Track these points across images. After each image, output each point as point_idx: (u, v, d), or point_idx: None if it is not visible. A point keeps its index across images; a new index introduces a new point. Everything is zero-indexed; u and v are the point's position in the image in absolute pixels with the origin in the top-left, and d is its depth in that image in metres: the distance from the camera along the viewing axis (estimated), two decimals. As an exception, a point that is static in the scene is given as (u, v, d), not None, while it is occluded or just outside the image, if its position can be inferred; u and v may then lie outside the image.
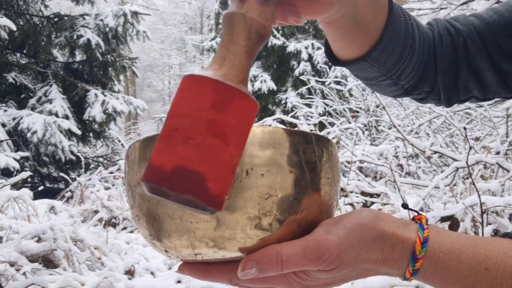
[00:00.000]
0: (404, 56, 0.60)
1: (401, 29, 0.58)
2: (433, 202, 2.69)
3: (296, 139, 0.44)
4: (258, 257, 0.43)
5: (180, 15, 23.97)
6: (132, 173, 0.47)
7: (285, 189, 0.43)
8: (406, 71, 0.62)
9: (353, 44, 0.58)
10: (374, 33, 0.57)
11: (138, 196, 0.46)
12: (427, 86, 0.67)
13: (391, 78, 0.62)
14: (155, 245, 0.48)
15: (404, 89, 0.66)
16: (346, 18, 0.53)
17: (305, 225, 0.45)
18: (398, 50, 0.59)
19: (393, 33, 0.58)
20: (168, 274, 2.55)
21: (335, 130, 4.38)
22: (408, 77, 0.64)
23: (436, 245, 0.44)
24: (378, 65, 0.60)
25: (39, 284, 1.77)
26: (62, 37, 7.24)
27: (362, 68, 0.61)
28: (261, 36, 0.39)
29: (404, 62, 0.61)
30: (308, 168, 0.44)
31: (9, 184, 2.44)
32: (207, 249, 0.44)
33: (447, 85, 0.66)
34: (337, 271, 0.44)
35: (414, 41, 0.61)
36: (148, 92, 24.04)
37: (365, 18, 0.54)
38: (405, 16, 0.60)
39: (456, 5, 2.67)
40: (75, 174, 6.94)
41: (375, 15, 0.56)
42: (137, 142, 0.47)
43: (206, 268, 0.47)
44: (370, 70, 0.61)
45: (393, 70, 0.61)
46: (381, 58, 0.59)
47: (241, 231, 0.42)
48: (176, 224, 0.43)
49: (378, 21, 0.56)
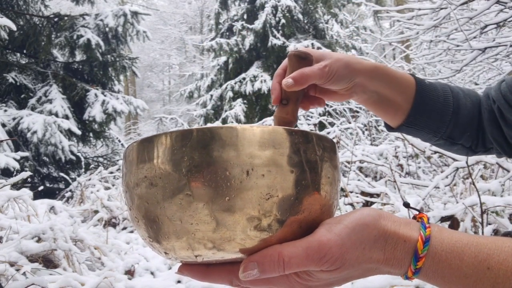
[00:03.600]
0: (447, 120, 0.72)
1: (437, 100, 0.71)
2: (433, 202, 2.69)
3: (297, 139, 0.44)
4: (260, 258, 0.43)
5: (180, 15, 23.95)
6: (130, 174, 0.46)
7: (286, 189, 0.42)
8: (457, 132, 0.74)
9: (388, 116, 0.72)
10: (404, 106, 0.70)
11: (136, 198, 0.45)
12: (488, 143, 0.75)
13: (442, 138, 0.74)
14: (154, 247, 0.47)
15: (466, 148, 0.77)
16: (372, 101, 0.69)
17: (306, 225, 0.44)
18: (437, 117, 0.72)
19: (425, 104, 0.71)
20: (168, 274, 2.55)
21: (335, 130, 4.38)
22: (463, 137, 0.75)
23: (438, 244, 0.44)
24: (420, 128, 0.73)
25: (39, 284, 1.77)
26: (62, 37, 7.23)
27: (410, 131, 0.74)
28: (285, 122, 0.62)
29: (449, 125, 0.73)
30: (309, 168, 0.44)
31: (9, 184, 2.43)
32: (207, 251, 0.43)
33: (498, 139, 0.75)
34: (339, 271, 0.44)
35: (457, 108, 0.73)
36: (148, 92, 24.02)
37: (390, 98, 0.69)
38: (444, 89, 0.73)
39: (456, 5, 2.67)
40: (75, 174, 6.94)
41: (401, 94, 0.70)
42: (134, 143, 0.46)
43: (206, 269, 0.46)
44: (418, 133, 0.74)
45: (440, 131, 0.73)
46: (419, 123, 0.72)
47: (241, 232, 0.42)
48: (176, 226, 0.43)
49: (405, 97, 0.70)
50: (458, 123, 0.73)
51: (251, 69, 10.64)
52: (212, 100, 10.97)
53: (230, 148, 0.41)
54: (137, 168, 0.45)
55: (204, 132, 0.42)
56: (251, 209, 0.42)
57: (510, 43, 2.59)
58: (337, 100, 0.72)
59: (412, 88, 0.71)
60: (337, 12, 11.33)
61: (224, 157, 0.41)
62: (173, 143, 0.42)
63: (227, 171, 0.41)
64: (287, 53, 4.51)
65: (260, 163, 0.42)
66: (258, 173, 0.42)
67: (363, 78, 0.67)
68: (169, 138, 0.43)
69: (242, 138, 0.42)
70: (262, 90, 9.98)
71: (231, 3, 11.74)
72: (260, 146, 0.42)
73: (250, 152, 0.42)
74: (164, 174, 0.42)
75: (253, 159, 0.42)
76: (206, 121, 10.62)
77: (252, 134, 0.42)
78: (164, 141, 0.43)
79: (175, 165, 0.42)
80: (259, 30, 10.40)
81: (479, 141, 0.76)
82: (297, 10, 10.72)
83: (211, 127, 0.42)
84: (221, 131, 0.42)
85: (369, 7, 3.63)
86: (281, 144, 0.43)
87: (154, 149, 0.43)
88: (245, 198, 0.41)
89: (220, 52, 10.97)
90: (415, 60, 3.83)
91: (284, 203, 0.42)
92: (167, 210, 0.43)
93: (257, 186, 0.41)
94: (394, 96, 0.70)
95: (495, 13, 2.94)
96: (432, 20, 2.97)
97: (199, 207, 0.41)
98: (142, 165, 0.44)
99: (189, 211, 0.42)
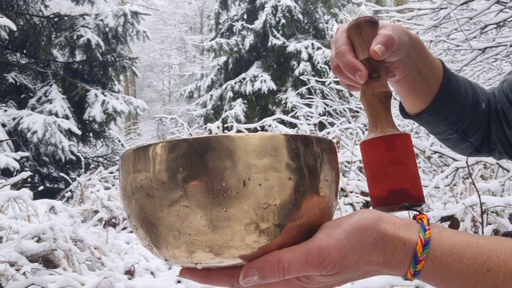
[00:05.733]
0: (466, 113, 0.71)
1: (459, 91, 0.71)
2: (433, 202, 2.69)
3: (294, 144, 0.43)
4: (259, 264, 0.43)
5: (180, 15, 23.95)
6: (126, 182, 0.46)
7: (284, 196, 0.42)
8: (471, 128, 0.73)
9: (417, 99, 0.71)
10: (433, 89, 0.69)
11: (134, 206, 0.45)
12: (492, 143, 0.77)
13: (457, 132, 0.73)
14: (153, 253, 0.47)
15: (474, 147, 0.76)
16: (410, 77, 0.66)
17: (305, 229, 0.44)
18: (459, 107, 0.71)
19: (450, 92, 0.70)
20: (168, 274, 2.55)
21: (335, 130, 4.38)
22: (475, 135, 0.74)
23: (438, 246, 0.43)
24: (441, 118, 0.72)
25: (39, 284, 1.77)
26: (62, 37, 7.24)
27: (428, 121, 0.73)
28: (386, 97, 0.56)
29: (467, 119, 0.72)
30: (308, 173, 0.43)
31: (9, 184, 2.43)
32: (206, 258, 0.43)
33: (501, 139, 0.75)
34: (339, 275, 0.44)
35: (476, 103, 0.72)
36: (148, 92, 24.02)
37: (425, 77, 0.68)
38: (464, 82, 0.73)
39: (456, 5, 2.67)
40: (75, 174, 6.94)
41: (433, 75, 0.68)
42: (130, 151, 0.45)
43: (207, 273, 0.47)
44: (436, 123, 0.73)
45: (457, 124, 0.72)
46: (441, 111, 0.71)
47: (240, 241, 0.42)
48: (174, 236, 0.43)
49: (435, 79, 0.69)
50: (474, 118, 0.72)
51: (251, 69, 10.64)
52: (212, 100, 10.97)
53: (226, 158, 0.41)
54: (133, 177, 0.44)
55: (199, 142, 0.41)
56: (249, 218, 0.41)
57: (510, 43, 2.59)
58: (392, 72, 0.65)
59: (440, 72, 0.69)
60: (337, 12, 11.33)
61: (220, 167, 0.40)
62: (169, 153, 0.42)
63: (224, 181, 0.40)
64: (287, 52, 4.54)
65: (257, 172, 0.41)
66: (255, 182, 0.41)
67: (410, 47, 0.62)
68: (164, 147, 0.42)
69: (239, 147, 0.41)
70: (262, 90, 9.98)
71: (231, 3, 11.74)
72: (257, 155, 0.41)
73: (247, 162, 0.41)
74: (160, 185, 0.42)
75: (250, 168, 0.41)
76: (206, 121, 10.62)
77: (248, 143, 0.41)
78: (159, 151, 0.42)
79: (171, 176, 0.41)
80: (259, 30, 10.40)
81: (484, 141, 0.76)
82: (297, 10, 10.72)
83: (207, 137, 0.41)
84: (217, 140, 0.41)
85: (369, 7, 3.63)
86: (279, 151, 0.42)
87: (150, 158, 0.43)
88: (242, 208, 0.41)
89: (220, 52, 10.97)
90: (415, 60, 3.82)
91: (282, 211, 0.42)
92: (164, 220, 0.42)
93: (254, 196, 0.41)
94: (428, 76, 0.67)
95: (495, 13, 2.94)
96: (432, 20, 2.97)
97: (197, 218, 0.41)
98: (137, 174, 0.44)
99: (187, 222, 0.41)
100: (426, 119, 0.72)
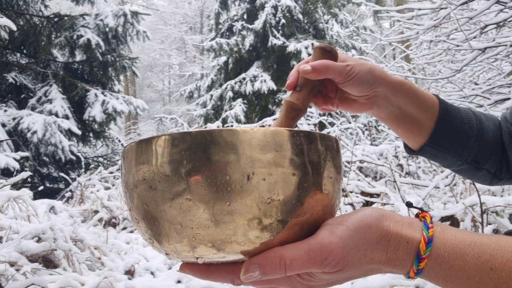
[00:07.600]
0: (471, 142, 0.71)
1: (461, 121, 0.71)
2: (433, 202, 2.69)
3: (298, 140, 0.43)
4: (261, 260, 0.43)
5: (180, 15, 23.94)
6: (128, 175, 0.45)
7: (288, 192, 0.42)
8: (481, 155, 0.72)
9: (410, 134, 0.71)
10: (428, 124, 0.69)
11: (135, 199, 0.45)
12: None
13: (467, 162, 0.72)
14: (154, 247, 0.47)
15: (492, 174, 0.75)
16: (393, 116, 0.67)
17: (308, 226, 0.44)
18: (463, 138, 0.71)
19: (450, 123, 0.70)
20: (168, 274, 2.55)
21: (335, 130, 4.39)
22: (488, 161, 0.73)
23: (441, 245, 0.43)
24: (445, 150, 0.71)
25: (39, 284, 1.77)
26: (62, 37, 7.23)
27: (433, 154, 0.72)
28: (294, 108, 0.62)
29: (474, 148, 0.71)
30: (311, 169, 0.43)
31: (9, 184, 2.43)
32: (208, 253, 0.43)
33: None
34: (341, 272, 0.44)
35: (481, 130, 0.72)
36: (148, 92, 24.01)
37: (413, 115, 0.68)
38: (466, 112, 0.73)
39: (456, 5, 2.67)
40: (75, 174, 6.93)
41: (424, 112, 0.68)
42: (133, 143, 0.45)
43: (207, 268, 0.46)
44: (442, 155, 0.72)
45: (465, 154, 0.72)
46: (444, 143, 0.70)
47: (243, 236, 0.41)
48: (176, 229, 0.42)
49: (430, 114, 0.69)
50: (482, 146, 0.72)
51: (251, 69, 10.64)
52: (212, 100, 10.97)
53: (230, 151, 0.40)
54: (136, 170, 0.44)
55: (203, 135, 0.41)
56: (252, 213, 0.41)
57: (510, 43, 2.59)
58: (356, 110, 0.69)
59: (436, 107, 0.70)
60: (337, 12, 11.33)
61: (224, 161, 0.40)
62: (172, 146, 0.41)
63: (227, 175, 0.40)
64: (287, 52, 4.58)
65: (261, 166, 0.41)
66: (259, 177, 0.41)
67: (387, 90, 0.65)
68: (167, 140, 0.42)
69: (243, 141, 0.41)
70: (262, 90, 9.98)
71: (231, 3, 11.74)
72: (261, 149, 0.41)
73: (251, 156, 0.41)
74: (163, 177, 0.42)
75: (254, 162, 0.41)
76: (206, 121, 10.63)
77: (253, 136, 0.41)
78: (163, 144, 0.42)
79: (174, 169, 0.41)
80: (259, 30, 10.40)
81: (503, 166, 0.75)
82: (297, 10, 10.72)
83: (211, 130, 0.41)
84: (221, 134, 0.41)
85: (369, 7, 3.63)
86: (283, 146, 0.42)
87: (153, 151, 0.42)
88: (245, 203, 0.41)
89: (220, 52, 10.97)
90: (415, 60, 3.82)
91: (285, 206, 0.42)
92: (167, 213, 0.42)
93: (258, 191, 0.41)
94: (418, 114, 0.68)
95: (495, 13, 2.94)
96: (432, 20, 2.97)
97: (199, 212, 0.41)
98: (140, 167, 0.43)
99: (189, 216, 0.41)
100: (430, 152, 0.72)
